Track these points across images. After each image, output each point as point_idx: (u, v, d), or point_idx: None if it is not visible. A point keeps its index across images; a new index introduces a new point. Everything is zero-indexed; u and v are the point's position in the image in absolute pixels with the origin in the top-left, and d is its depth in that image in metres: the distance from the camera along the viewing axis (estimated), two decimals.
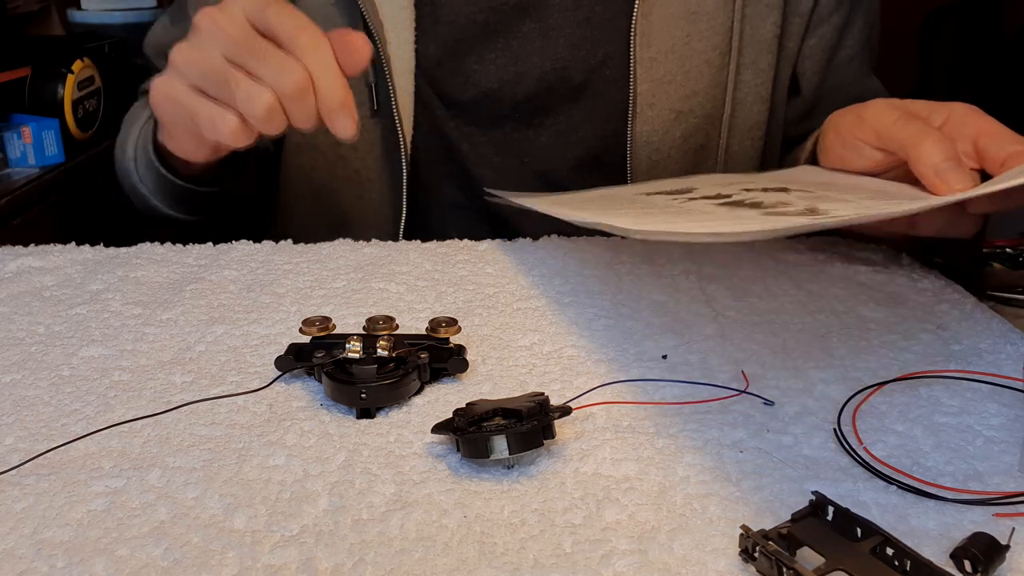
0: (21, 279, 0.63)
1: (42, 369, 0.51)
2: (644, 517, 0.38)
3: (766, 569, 0.34)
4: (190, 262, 0.67)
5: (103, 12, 2.00)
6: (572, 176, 0.81)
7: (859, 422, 0.44)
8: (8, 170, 1.80)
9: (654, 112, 0.78)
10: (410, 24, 0.79)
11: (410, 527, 0.37)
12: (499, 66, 0.80)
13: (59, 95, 1.77)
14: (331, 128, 0.59)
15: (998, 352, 0.51)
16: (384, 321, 0.49)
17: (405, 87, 0.79)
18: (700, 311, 0.57)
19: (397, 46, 0.79)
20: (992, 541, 0.34)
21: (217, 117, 0.59)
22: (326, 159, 0.83)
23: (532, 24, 0.79)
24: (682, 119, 0.79)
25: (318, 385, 0.48)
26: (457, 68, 0.80)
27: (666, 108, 0.78)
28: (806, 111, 0.86)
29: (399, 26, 0.78)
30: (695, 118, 0.79)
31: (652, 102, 0.78)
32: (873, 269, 0.63)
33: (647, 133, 0.78)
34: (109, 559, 0.36)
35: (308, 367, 0.49)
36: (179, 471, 0.41)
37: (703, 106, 0.79)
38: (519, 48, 0.79)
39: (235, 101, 0.58)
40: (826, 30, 0.82)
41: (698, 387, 0.47)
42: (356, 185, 0.83)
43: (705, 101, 0.79)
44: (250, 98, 0.57)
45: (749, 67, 0.79)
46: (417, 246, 0.69)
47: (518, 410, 0.41)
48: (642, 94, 0.77)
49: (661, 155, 0.79)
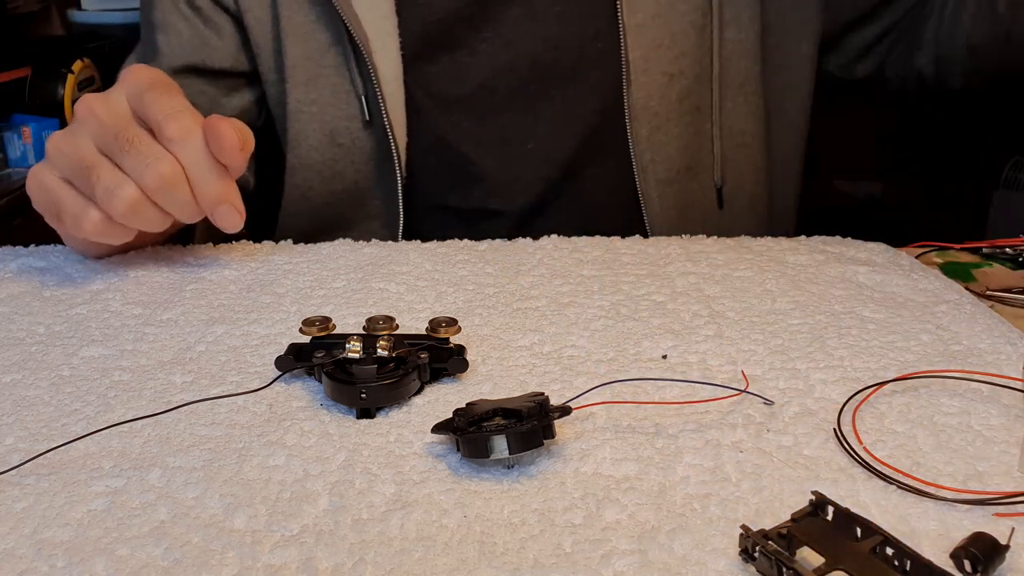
0: (21, 279, 0.63)
1: (42, 369, 0.51)
2: (644, 517, 0.38)
3: (766, 569, 0.34)
4: (190, 262, 0.67)
5: (103, 12, 2.00)
6: (577, 155, 0.81)
7: (859, 422, 0.44)
8: (8, 170, 1.80)
9: (648, 78, 0.78)
10: (393, 31, 0.78)
11: (410, 527, 0.37)
12: (490, 55, 0.79)
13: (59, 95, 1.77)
14: (214, 223, 0.58)
15: (998, 352, 0.51)
16: (384, 321, 0.49)
17: (395, 94, 0.79)
18: (700, 311, 0.57)
19: (383, 54, 0.78)
20: (992, 541, 0.34)
21: (79, 211, 0.56)
22: (322, 176, 0.83)
23: (518, 8, 0.79)
24: (675, 81, 0.79)
25: (318, 385, 0.48)
26: (448, 65, 0.80)
27: (659, 72, 0.78)
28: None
29: (383, 34, 0.78)
30: (686, 79, 0.80)
31: (646, 68, 0.78)
32: (872, 269, 0.63)
33: (644, 99, 0.78)
34: (109, 559, 0.36)
35: (308, 367, 0.49)
36: (179, 471, 0.41)
37: (692, 67, 0.80)
38: (508, 34, 0.79)
39: (95, 195, 0.55)
40: None
41: (698, 387, 0.47)
42: (355, 196, 0.83)
43: (693, 62, 0.79)
44: (109, 192, 0.54)
45: (731, 23, 0.79)
46: (417, 246, 0.69)
47: (518, 410, 0.41)
48: (634, 61, 0.78)
49: (660, 119, 0.79)
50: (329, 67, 0.79)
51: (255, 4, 0.81)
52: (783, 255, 0.66)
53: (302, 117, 0.81)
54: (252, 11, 0.81)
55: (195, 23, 0.83)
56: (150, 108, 0.56)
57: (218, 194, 0.57)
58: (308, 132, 0.82)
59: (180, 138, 0.55)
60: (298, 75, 0.80)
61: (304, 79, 0.80)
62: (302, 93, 0.80)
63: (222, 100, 0.85)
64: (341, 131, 0.81)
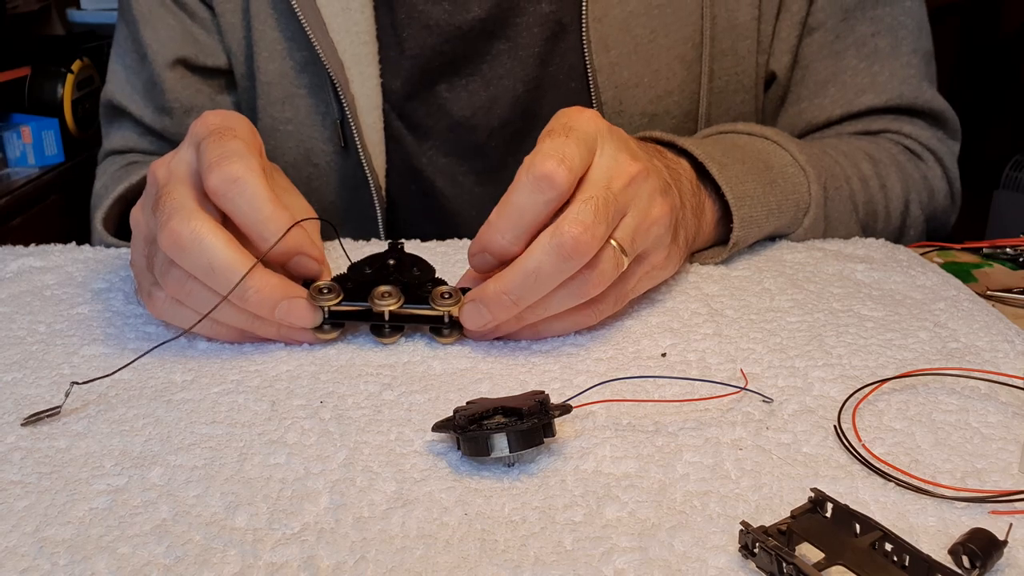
0: (22, 279, 0.63)
1: (43, 368, 0.51)
2: (644, 514, 0.38)
3: (766, 564, 0.34)
4: None
5: (103, 12, 2.00)
6: None
7: (858, 420, 0.45)
8: (8, 170, 1.80)
9: (623, 119, 0.75)
10: (373, 59, 0.75)
11: (411, 525, 0.37)
12: (471, 92, 0.77)
13: (59, 95, 1.77)
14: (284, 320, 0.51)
15: (996, 350, 0.51)
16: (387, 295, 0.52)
17: (373, 124, 0.76)
18: (698, 310, 0.57)
19: (361, 83, 0.75)
20: (990, 537, 0.35)
21: (148, 290, 0.53)
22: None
23: (501, 44, 0.76)
24: (656, 122, 0.75)
25: (318, 385, 0.48)
26: (427, 98, 0.77)
27: (636, 113, 0.75)
28: (781, 97, 0.80)
29: (362, 61, 0.75)
30: (672, 119, 0.76)
31: (620, 109, 0.75)
32: (870, 267, 0.63)
33: None
34: (111, 557, 0.36)
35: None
36: (180, 469, 0.41)
37: (680, 105, 0.76)
38: (489, 71, 0.76)
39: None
40: (800, 2, 0.76)
41: (697, 385, 0.48)
42: (332, 217, 0.80)
43: (682, 100, 0.76)
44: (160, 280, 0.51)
45: (727, 54, 0.75)
46: (416, 246, 0.69)
47: (518, 408, 0.41)
48: (607, 103, 0.74)
49: None
50: (304, 88, 0.77)
51: (227, 9, 0.78)
52: (781, 253, 0.66)
53: (278, 135, 0.79)
54: (225, 16, 0.79)
55: (181, 17, 0.80)
56: (203, 153, 0.51)
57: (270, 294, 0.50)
58: (284, 149, 0.79)
59: (222, 192, 0.50)
60: (273, 92, 0.78)
61: (280, 97, 0.78)
62: (278, 111, 0.78)
63: (217, 98, 0.82)
64: (317, 152, 0.79)
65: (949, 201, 0.82)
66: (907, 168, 0.78)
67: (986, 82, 2.92)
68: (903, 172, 0.77)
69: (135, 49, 0.81)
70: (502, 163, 0.79)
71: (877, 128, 0.79)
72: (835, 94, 0.78)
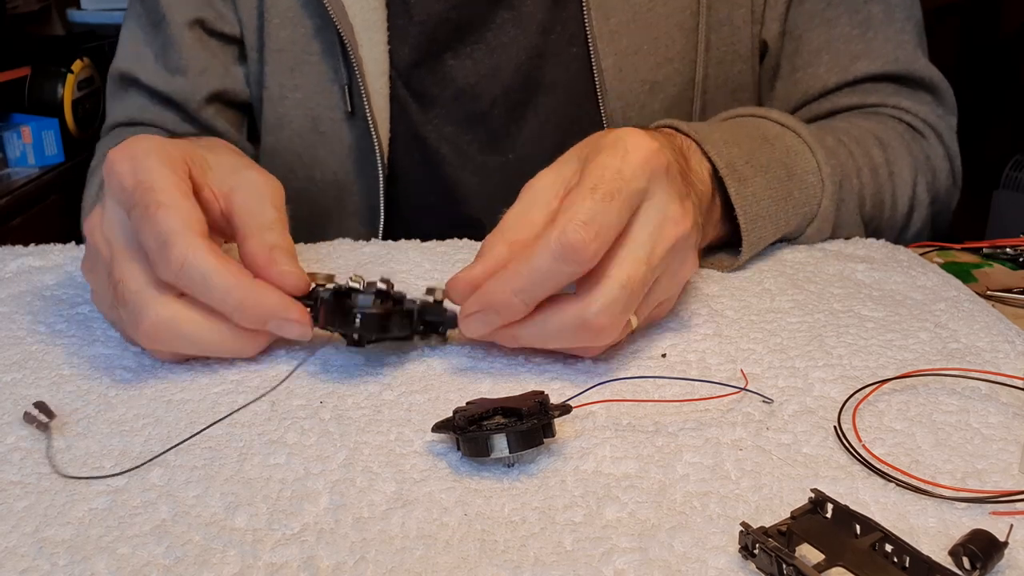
0: (22, 279, 0.63)
1: (43, 368, 0.51)
2: (644, 515, 0.38)
3: (766, 565, 0.34)
4: None
5: (103, 12, 2.00)
6: None
7: (858, 421, 0.45)
8: (8, 170, 1.79)
9: (624, 87, 0.75)
10: (382, 25, 0.76)
11: (411, 525, 0.37)
12: (476, 60, 0.78)
13: (59, 95, 1.77)
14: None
15: (996, 350, 0.51)
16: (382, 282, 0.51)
17: (380, 89, 0.77)
18: (698, 310, 0.57)
19: (369, 48, 0.76)
20: (991, 538, 0.34)
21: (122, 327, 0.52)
22: (302, 162, 0.81)
23: (505, 13, 0.77)
24: (658, 90, 0.76)
25: (318, 385, 0.48)
26: (434, 66, 0.78)
27: (637, 81, 0.75)
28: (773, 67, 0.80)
29: (371, 27, 0.76)
30: (673, 87, 0.76)
31: (620, 77, 0.75)
32: (871, 267, 0.63)
33: (621, 109, 0.75)
34: (111, 557, 0.36)
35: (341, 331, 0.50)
36: (180, 469, 0.41)
37: (680, 72, 0.76)
38: (494, 40, 0.77)
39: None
40: None
41: (697, 385, 0.48)
42: (335, 187, 0.81)
43: (682, 67, 0.76)
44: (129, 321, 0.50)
45: (724, 24, 0.76)
46: (416, 245, 0.69)
47: (518, 409, 0.41)
48: (607, 70, 0.74)
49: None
50: (315, 55, 0.78)
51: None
52: (781, 253, 0.66)
53: (286, 103, 0.80)
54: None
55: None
56: (140, 237, 0.48)
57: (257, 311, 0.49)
58: (292, 117, 0.80)
59: (173, 282, 0.48)
60: (284, 60, 0.78)
61: (290, 64, 0.79)
62: (286, 78, 0.79)
63: (232, 68, 0.82)
64: (324, 120, 0.80)
65: (951, 181, 0.81)
66: (913, 149, 0.78)
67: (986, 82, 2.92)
68: (911, 154, 0.77)
69: (149, 17, 0.82)
70: (505, 131, 0.79)
71: (875, 100, 0.79)
72: (829, 61, 0.78)
